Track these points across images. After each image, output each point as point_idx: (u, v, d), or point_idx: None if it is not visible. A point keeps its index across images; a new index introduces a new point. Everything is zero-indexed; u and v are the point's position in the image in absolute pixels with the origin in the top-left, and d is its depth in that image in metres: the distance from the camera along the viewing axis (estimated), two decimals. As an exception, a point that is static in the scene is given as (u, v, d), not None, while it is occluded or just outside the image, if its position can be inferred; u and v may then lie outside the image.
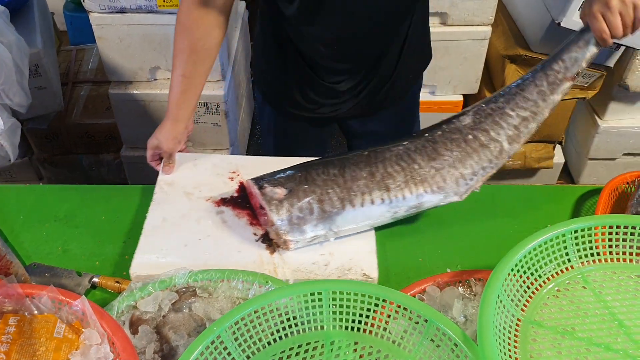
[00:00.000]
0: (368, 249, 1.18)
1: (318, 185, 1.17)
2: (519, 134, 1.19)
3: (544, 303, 0.97)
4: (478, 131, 1.19)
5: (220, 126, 2.21)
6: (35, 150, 2.50)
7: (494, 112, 1.20)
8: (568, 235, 1.00)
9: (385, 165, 1.19)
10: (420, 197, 1.17)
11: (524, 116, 1.19)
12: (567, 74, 1.19)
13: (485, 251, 1.22)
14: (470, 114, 1.21)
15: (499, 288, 0.91)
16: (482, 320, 0.86)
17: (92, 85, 2.58)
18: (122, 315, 1.05)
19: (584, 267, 1.01)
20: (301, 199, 1.16)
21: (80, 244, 1.24)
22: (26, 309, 0.99)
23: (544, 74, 1.20)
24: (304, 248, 1.18)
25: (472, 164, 1.18)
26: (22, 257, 1.23)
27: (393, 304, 0.95)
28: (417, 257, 1.21)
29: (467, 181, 1.18)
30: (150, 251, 1.17)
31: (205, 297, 1.08)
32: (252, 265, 1.15)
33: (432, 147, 1.19)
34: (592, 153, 2.41)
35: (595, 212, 1.21)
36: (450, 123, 1.22)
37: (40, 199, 1.38)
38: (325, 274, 1.13)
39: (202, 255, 1.17)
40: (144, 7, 1.94)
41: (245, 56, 2.71)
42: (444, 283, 1.09)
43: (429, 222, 1.28)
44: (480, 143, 1.19)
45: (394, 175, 1.17)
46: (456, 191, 1.18)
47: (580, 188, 1.36)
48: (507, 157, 1.19)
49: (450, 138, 1.20)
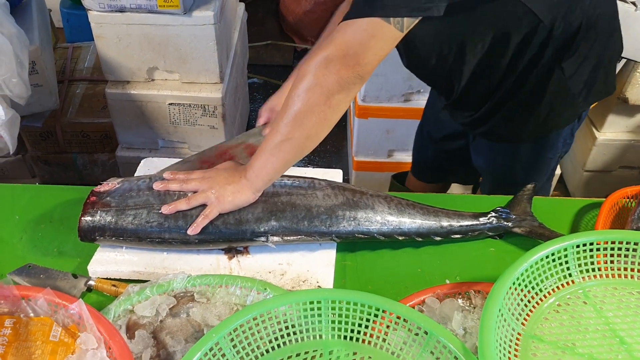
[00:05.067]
0: (326, 261, 1.18)
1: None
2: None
3: (545, 317, 0.97)
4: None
5: (217, 129, 2.20)
6: (29, 148, 2.48)
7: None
8: (570, 250, 1.00)
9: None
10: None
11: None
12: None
13: (485, 262, 1.21)
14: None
15: (501, 302, 0.91)
16: (483, 334, 0.85)
17: (88, 84, 2.57)
18: (118, 320, 1.04)
19: (585, 282, 1.01)
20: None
21: (75, 245, 1.22)
22: (22, 311, 0.98)
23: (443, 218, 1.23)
24: (264, 256, 1.19)
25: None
26: (18, 258, 1.21)
27: (393, 315, 0.94)
28: (415, 267, 1.20)
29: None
30: (109, 249, 1.19)
31: (203, 303, 1.07)
32: (209, 268, 1.17)
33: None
34: (588, 165, 2.42)
35: (595, 226, 1.21)
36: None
37: (35, 199, 1.36)
38: (280, 284, 1.14)
39: (160, 255, 1.18)
40: (144, 7, 1.93)
41: (243, 58, 2.70)
42: (443, 294, 1.09)
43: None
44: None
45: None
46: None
47: (579, 201, 1.36)
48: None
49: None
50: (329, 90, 1.06)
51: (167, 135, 2.25)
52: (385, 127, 2.22)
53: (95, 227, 1.17)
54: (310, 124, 1.09)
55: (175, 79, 2.14)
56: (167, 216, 1.17)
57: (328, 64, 1.05)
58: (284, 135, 1.10)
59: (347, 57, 1.04)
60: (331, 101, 1.07)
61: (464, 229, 1.22)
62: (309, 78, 1.06)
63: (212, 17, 1.96)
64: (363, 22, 1.04)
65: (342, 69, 1.05)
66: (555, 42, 1.25)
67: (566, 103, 1.39)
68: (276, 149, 1.12)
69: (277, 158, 1.13)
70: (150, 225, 1.16)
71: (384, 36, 1.05)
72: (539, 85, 1.33)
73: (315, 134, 1.11)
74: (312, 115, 1.08)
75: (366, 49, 1.05)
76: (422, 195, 1.38)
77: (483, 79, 1.36)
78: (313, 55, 1.07)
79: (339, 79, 1.05)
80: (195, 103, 2.13)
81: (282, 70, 3.51)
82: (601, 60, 1.35)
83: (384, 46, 1.06)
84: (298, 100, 1.07)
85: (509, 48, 1.26)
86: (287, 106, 1.09)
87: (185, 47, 2.03)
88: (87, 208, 1.18)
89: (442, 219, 1.22)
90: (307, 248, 1.20)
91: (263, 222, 1.17)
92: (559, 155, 1.57)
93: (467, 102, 1.46)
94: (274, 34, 3.75)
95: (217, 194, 1.16)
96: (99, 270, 1.17)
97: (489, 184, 1.69)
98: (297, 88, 1.08)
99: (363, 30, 1.04)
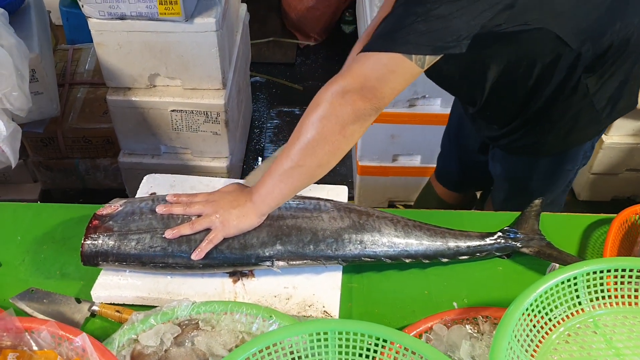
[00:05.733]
0: (332, 285, 1.17)
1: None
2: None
3: (554, 348, 0.96)
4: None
5: (220, 135, 2.18)
6: (30, 154, 2.46)
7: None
8: (580, 278, 0.98)
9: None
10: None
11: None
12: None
13: (492, 284, 1.20)
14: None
15: (510, 334, 0.90)
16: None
17: (89, 88, 2.54)
18: (122, 350, 1.03)
19: (595, 310, 0.99)
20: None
21: (78, 267, 1.21)
22: (25, 344, 0.97)
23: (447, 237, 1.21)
24: (269, 279, 1.17)
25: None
26: (20, 282, 1.20)
27: (401, 347, 0.93)
28: (422, 290, 1.19)
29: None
30: (113, 272, 1.18)
31: (207, 331, 1.06)
32: (213, 292, 1.16)
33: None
34: (595, 168, 2.40)
35: (605, 245, 1.19)
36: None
37: (37, 218, 1.34)
38: (285, 309, 1.13)
39: (164, 279, 1.17)
40: (145, 15, 1.90)
41: (245, 59, 2.68)
42: (450, 320, 1.07)
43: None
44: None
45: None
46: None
47: (587, 217, 1.34)
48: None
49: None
50: (344, 120, 1.04)
51: (170, 142, 2.23)
52: (390, 132, 2.20)
53: (98, 252, 1.16)
54: (322, 153, 1.07)
55: (177, 85, 2.11)
56: (170, 241, 1.15)
57: (345, 94, 1.03)
58: (294, 162, 1.08)
59: (365, 90, 1.03)
60: (346, 131, 1.05)
61: (471, 250, 1.21)
62: (324, 106, 1.05)
63: (214, 23, 1.94)
64: (384, 56, 1.02)
65: (359, 100, 1.04)
66: (583, 64, 1.23)
67: (590, 119, 1.37)
68: (285, 175, 1.10)
69: (285, 184, 1.11)
70: (154, 250, 1.15)
71: (404, 72, 1.04)
72: (564, 103, 1.31)
73: (327, 163, 1.10)
74: (326, 145, 1.06)
75: (385, 83, 1.04)
76: (427, 212, 1.36)
77: (506, 98, 1.35)
78: (330, 84, 1.06)
79: (355, 110, 1.04)
80: (198, 110, 2.11)
81: (285, 68, 3.48)
82: (628, 78, 1.32)
83: (402, 81, 1.05)
84: (312, 128, 1.05)
85: (534, 71, 1.24)
86: (299, 133, 1.07)
87: (187, 54, 2.00)
88: (90, 232, 1.17)
89: (449, 240, 1.20)
90: (313, 270, 1.19)
91: (268, 246, 1.16)
92: (578, 167, 1.55)
93: (491, 117, 1.45)
94: (276, 31, 3.72)
95: (221, 218, 1.15)
96: (102, 295, 1.16)
97: (503, 192, 1.67)
98: (310, 115, 1.06)
99: (383, 65, 1.02)
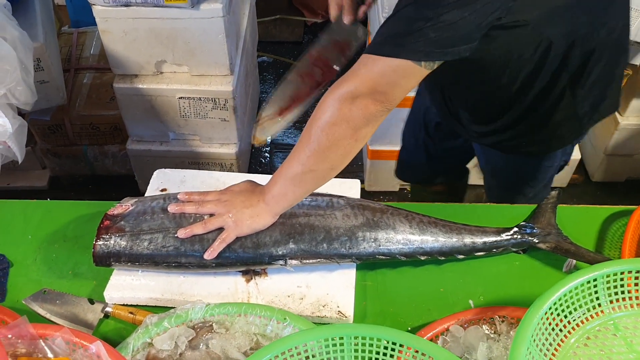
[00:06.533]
0: (346, 283, 1.16)
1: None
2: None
3: (573, 352, 0.94)
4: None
5: (228, 121, 2.16)
6: (38, 141, 2.45)
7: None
8: (599, 280, 0.97)
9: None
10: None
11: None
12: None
13: (508, 280, 1.19)
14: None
15: (528, 339, 0.88)
16: (512, 378, 0.83)
17: (95, 73, 2.52)
18: (137, 354, 1.03)
19: (615, 312, 0.98)
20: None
21: (90, 267, 1.20)
22: (40, 352, 0.96)
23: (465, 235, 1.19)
24: (283, 277, 1.16)
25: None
26: (32, 282, 1.20)
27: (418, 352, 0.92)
28: (437, 287, 1.18)
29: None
30: (125, 273, 1.17)
31: (222, 333, 1.05)
32: (226, 292, 1.15)
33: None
34: (610, 149, 2.37)
35: (623, 242, 1.17)
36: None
37: (47, 215, 1.33)
38: (299, 309, 1.12)
39: (177, 279, 1.16)
40: (150, 1, 1.86)
41: (252, 42, 2.63)
42: (467, 321, 1.06)
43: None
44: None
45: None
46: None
47: (605, 209, 1.31)
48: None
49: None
50: (356, 125, 1.03)
51: (178, 128, 2.21)
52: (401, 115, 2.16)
53: (110, 252, 1.15)
54: (335, 157, 1.06)
55: (184, 71, 2.08)
56: (183, 240, 1.14)
57: (354, 99, 1.02)
58: (307, 167, 1.07)
59: (376, 94, 1.01)
60: (358, 135, 1.04)
61: (488, 246, 1.19)
62: (332, 112, 1.03)
63: (221, 9, 1.90)
64: (393, 62, 1.00)
65: (371, 104, 1.02)
66: (569, 70, 1.19)
67: (572, 125, 1.35)
68: (298, 179, 1.09)
69: (299, 188, 1.11)
70: (167, 250, 1.14)
71: (415, 76, 1.02)
72: (548, 110, 1.28)
73: (340, 164, 1.09)
74: (338, 150, 1.05)
75: (396, 87, 1.02)
76: (441, 206, 1.34)
77: (491, 100, 1.33)
78: (337, 88, 1.04)
79: (367, 114, 1.03)
80: (205, 96, 2.08)
81: (292, 46, 3.43)
82: (610, 81, 1.30)
83: (414, 83, 1.04)
84: (322, 135, 1.04)
85: (521, 74, 1.20)
86: (309, 139, 1.06)
87: (194, 41, 1.97)
88: (101, 233, 1.16)
89: (465, 236, 1.18)
90: (326, 268, 1.18)
91: (281, 245, 1.14)
92: (558, 164, 1.53)
93: (473, 113, 1.42)
94: (283, 8, 3.65)
95: (234, 217, 1.14)
96: (115, 296, 1.15)
97: (493, 185, 1.68)
98: (319, 120, 1.04)
99: (393, 71, 1.00)
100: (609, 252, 1.23)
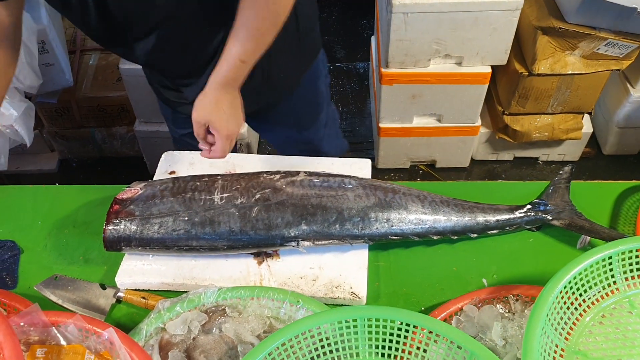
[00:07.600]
0: (359, 264, 1.15)
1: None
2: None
3: (589, 330, 0.93)
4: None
5: (235, 100, 2.13)
6: (45, 124, 2.44)
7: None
8: (615, 257, 0.95)
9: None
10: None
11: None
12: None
13: (522, 257, 1.17)
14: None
15: (544, 319, 0.87)
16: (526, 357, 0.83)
17: (101, 54, 2.50)
18: (150, 339, 1.03)
19: (630, 289, 0.97)
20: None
21: (101, 251, 1.20)
22: (53, 339, 0.96)
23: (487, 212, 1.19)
24: (295, 259, 1.16)
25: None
26: (44, 268, 1.20)
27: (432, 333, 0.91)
28: (450, 266, 1.17)
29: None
30: (136, 257, 1.17)
31: (235, 317, 1.05)
32: (239, 275, 1.15)
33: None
34: (621, 122, 2.33)
35: (638, 218, 1.15)
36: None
37: (56, 201, 1.33)
38: (312, 291, 1.11)
39: (188, 263, 1.16)
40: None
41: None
42: (481, 300, 1.05)
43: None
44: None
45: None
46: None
47: (619, 185, 1.29)
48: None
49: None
50: None
51: (185, 109, 2.19)
52: (411, 92, 2.14)
53: (121, 237, 1.14)
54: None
55: (189, 51, 2.06)
56: (194, 223, 1.14)
57: None
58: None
59: None
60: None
61: (501, 224, 1.18)
62: None
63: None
64: None
65: None
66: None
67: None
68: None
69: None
70: (177, 234, 1.13)
71: None
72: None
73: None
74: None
75: None
76: (455, 184, 1.33)
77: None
78: None
79: None
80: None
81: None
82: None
83: None
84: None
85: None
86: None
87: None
88: (111, 218, 1.16)
89: (477, 215, 1.17)
90: (339, 249, 1.17)
91: (293, 226, 1.13)
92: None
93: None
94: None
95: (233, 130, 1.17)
96: (126, 281, 1.15)
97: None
98: None
99: None
100: (623, 228, 1.21)
